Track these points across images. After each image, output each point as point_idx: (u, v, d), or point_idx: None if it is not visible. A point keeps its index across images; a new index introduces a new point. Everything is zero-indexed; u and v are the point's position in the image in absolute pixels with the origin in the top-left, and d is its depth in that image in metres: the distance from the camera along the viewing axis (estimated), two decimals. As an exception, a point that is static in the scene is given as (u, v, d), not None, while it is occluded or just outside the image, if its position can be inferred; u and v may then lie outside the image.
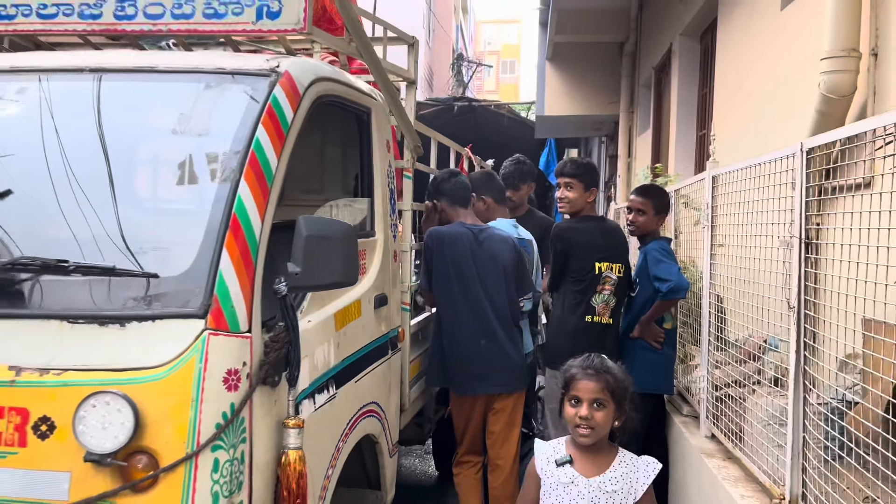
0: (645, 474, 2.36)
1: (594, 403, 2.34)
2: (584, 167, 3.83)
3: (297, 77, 2.30)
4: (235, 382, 1.85)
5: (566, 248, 3.67)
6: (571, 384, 2.40)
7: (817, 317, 2.30)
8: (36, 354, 1.81)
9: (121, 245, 1.95)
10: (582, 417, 2.32)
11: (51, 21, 2.72)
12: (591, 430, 2.32)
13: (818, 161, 2.33)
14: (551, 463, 2.40)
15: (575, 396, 2.36)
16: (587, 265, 3.61)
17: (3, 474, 1.76)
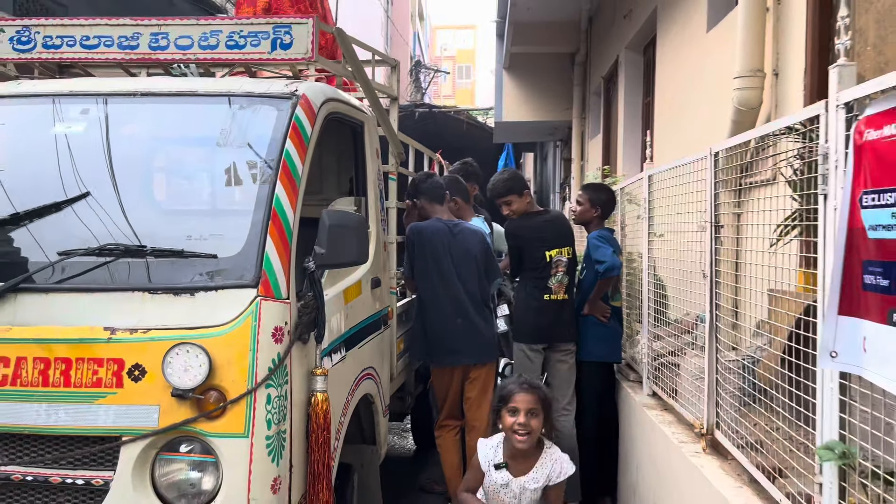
0: (560, 473, 2.93)
1: (529, 413, 2.90)
2: (508, 183, 4.38)
3: (312, 99, 2.86)
4: (280, 337, 2.40)
5: (518, 244, 4.32)
6: (510, 398, 2.94)
7: (728, 284, 2.94)
8: (125, 318, 2.33)
9: (187, 233, 2.49)
10: (520, 424, 2.87)
11: (93, 51, 3.24)
12: (528, 436, 2.87)
13: (723, 161, 2.98)
14: (491, 465, 2.97)
15: (513, 408, 2.90)
16: (539, 255, 4.25)
17: (107, 410, 2.28)
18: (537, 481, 2.86)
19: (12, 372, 2.31)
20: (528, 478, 2.87)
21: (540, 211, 4.54)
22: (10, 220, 2.55)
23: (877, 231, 1.65)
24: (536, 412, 2.86)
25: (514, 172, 4.76)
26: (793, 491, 2.19)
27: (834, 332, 1.79)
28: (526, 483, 2.86)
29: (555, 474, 2.88)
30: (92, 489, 2.30)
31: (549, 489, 2.90)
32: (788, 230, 2.33)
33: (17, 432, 2.33)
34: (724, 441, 2.85)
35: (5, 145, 2.78)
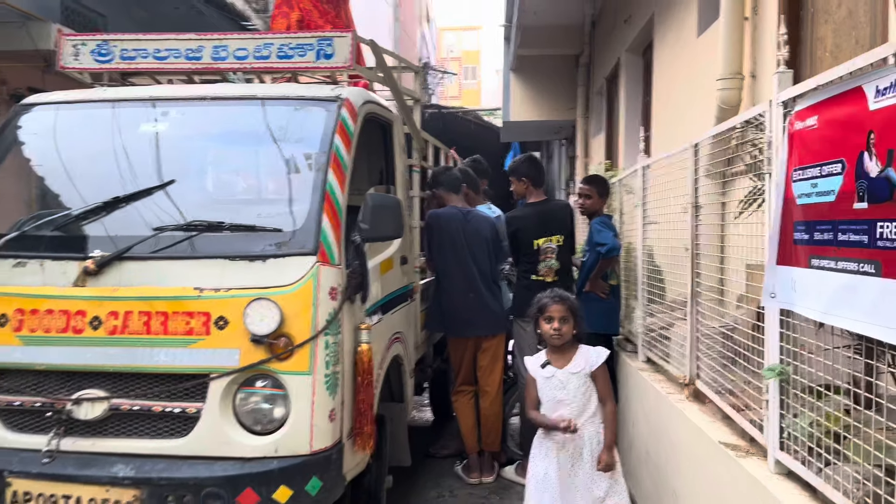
0: (596, 357, 3.49)
1: (561, 319, 3.47)
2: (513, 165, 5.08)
3: (354, 101, 3.41)
4: (335, 295, 2.94)
5: (513, 231, 4.87)
6: (546, 308, 3.52)
7: (711, 260, 3.44)
8: (210, 280, 2.87)
9: (257, 212, 3.05)
10: (555, 329, 3.44)
11: (163, 62, 3.79)
12: (560, 336, 3.45)
13: (704, 152, 3.50)
14: (538, 367, 3.52)
15: (549, 316, 3.48)
16: (527, 243, 4.79)
17: (198, 353, 2.82)
18: (579, 367, 3.40)
19: (121, 323, 2.87)
20: (570, 366, 3.40)
21: (538, 201, 5.01)
22: (113, 202, 3.10)
23: (801, 199, 2.19)
24: (567, 318, 3.42)
25: (525, 158, 5.24)
26: (753, 417, 2.72)
27: (773, 278, 2.33)
28: (569, 369, 3.39)
29: (593, 359, 3.42)
30: (187, 416, 2.85)
31: (595, 374, 3.42)
32: (749, 204, 2.86)
33: (126, 371, 2.88)
34: (703, 388, 3.38)
35: (103, 141, 3.33)
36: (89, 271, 2.91)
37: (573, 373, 3.43)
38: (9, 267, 3.03)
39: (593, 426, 3.43)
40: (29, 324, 2.92)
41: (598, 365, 3.44)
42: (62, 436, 2.88)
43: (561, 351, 3.51)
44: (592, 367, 3.42)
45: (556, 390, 3.38)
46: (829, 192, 2.00)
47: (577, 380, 3.43)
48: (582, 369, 3.44)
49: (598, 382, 3.48)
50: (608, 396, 3.52)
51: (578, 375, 3.43)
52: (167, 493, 2.75)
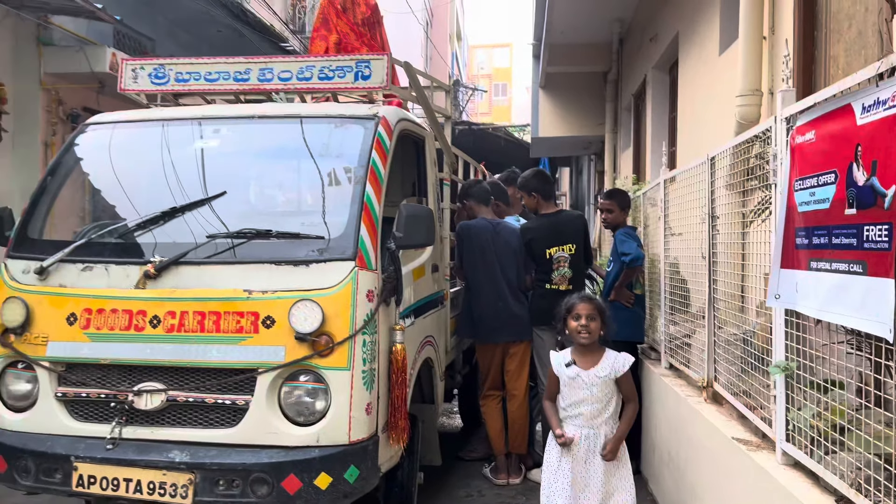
0: (623, 363, 3.64)
1: (589, 317, 3.63)
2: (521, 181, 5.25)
3: (390, 119, 3.67)
4: (372, 297, 3.18)
5: (527, 241, 5.06)
6: (573, 307, 3.69)
7: (728, 267, 3.61)
8: (259, 283, 3.14)
9: (301, 221, 3.32)
10: (582, 326, 3.60)
11: (213, 83, 4.10)
12: (589, 334, 3.61)
13: (718, 164, 3.69)
14: (562, 365, 3.69)
15: (576, 314, 3.64)
16: (540, 252, 4.97)
17: (247, 349, 3.09)
18: (605, 370, 3.51)
19: (178, 322, 3.14)
20: (597, 369, 3.52)
21: (550, 212, 5.17)
22: (170, 212, 3.40)
23: (801, 206, 2.37)
24: (594, 317, 3.56)
25: (534, 173, 5.34)
26: (764, 414, 2.88)
27: (777, 281, 2.51)
28: (596, 372, 3.51)
29: (619, 365, 3.52)
30: (236, 408, 3.11)
31: (619, 380, 3.53)
32: (760, 213, 3.04)
33: (182, 366, 3.15)
34: (720, 389, 3.54)
35: (161, 156, 3.64)
36: (150, 275, 3.20)
37: (599, 376, 3.55)
38: (78, 271, 3.33)
39: (609, 426, 3.56)
40: (96, 322, 3.22)
41: (624, 371, 3.57)
42: (124, 424, 3.16)
43: (588, 351, 3.63)
44: (618, 373, 3.53)
45: (579, 390, 3.53)
46: (825, 199, 2.19)
47: (602, 383, 3.56)
48: (608, 374, 3.56)
49: (624, 386, 3.59)
50: (633, 397, 3.65)
51: (604, 379, 3.56)
52: (218, 477, 3.00)
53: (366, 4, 6.23)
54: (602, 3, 9.34)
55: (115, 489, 3.05)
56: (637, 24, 9.60)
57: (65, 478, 3.13)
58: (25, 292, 3.34)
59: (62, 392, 3.26)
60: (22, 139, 6.30)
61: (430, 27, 26.14)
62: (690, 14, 6.59)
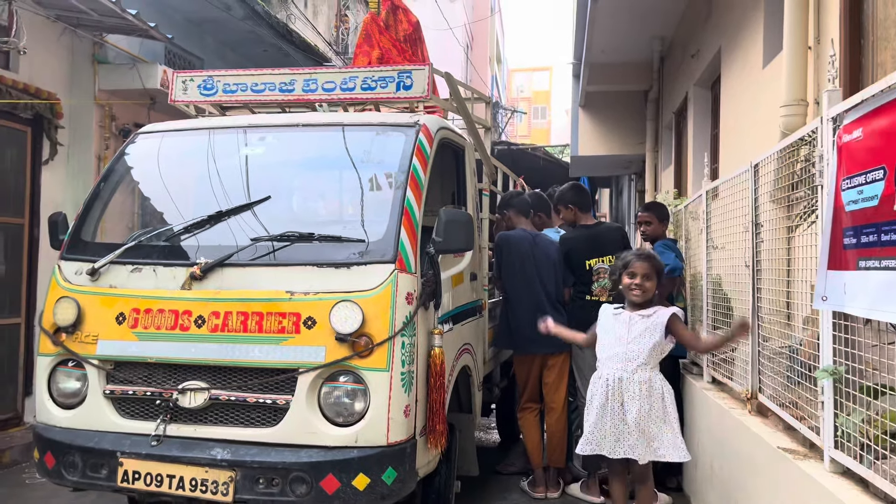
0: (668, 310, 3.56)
1: (644, 276, 3.59)
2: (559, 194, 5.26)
3: (430, 127, 3.72)
4: (411, 300, 3.20)
5: (565, 252, 5.04)
6: (629, 264, 3.64)
7: (773, 279, 3.55)
8: (301, 284, 3.19)
9: (343, 224, 3.37)
10: (636, 284, 3.56)
11: (259, 94, 4.22)
12: (642, 292, 3.57)
13: (762, 172, 3.64)
14: (609, 311, 3.65)
15: (631, 272, 3.60)
16: (580, 263, 4.95)
17: (288, 349, 3.13)
18: (649, 312, 3.47)
19: (222, 322, 3.21)
20: (640, 311, 3.49)
21: (591, 224, 5.18)
22: (216, 216, 3.49)
23: (849, 206, 2.33)
24: (650, 276, 3.52)
25: (570, 187, 5.34)
26: (813, 423, 2.81)
27: (824, 282, 2.46)
28: (639, 314, 3.46)
29: (663, 312, 3.48)
30: (277, 407, 3.15)
31: (672, 327, 3.47)
32: (805, 217, 2.98)
33: (225, 365, 3.21)
34: (764, 400, 3.46)
35: (209, 163, 3.75)
36: (195, 276, 3.28)
37: (643, 315, 3.50)
38: (127, 272, 3.44)
39: (643, 374, 3.49)
40: (143, 321, 3.31)
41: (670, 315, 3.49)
42: (168, 422, 3.22)
43: (639, 307, 3.59)
44: (663, 320, 3.46)
45: (618, 328, 3.49)
46: (873, 197, 2.15)
47: (643, 323, 3.49)
48: (652, 315, 3.48)
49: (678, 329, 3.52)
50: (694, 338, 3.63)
51: (646, 319, 3.49)
52: (258, 475, 3.04)
53: (408, 21, 6.35)
54: (643, 21, 9.34)
55: (158, 485, 3.11)
56: (678, 42, 9.57)
57: (110, 473, 3.20)
58: (77, 292, 3.45)
59: (110, 390, 3.35)
60: (76, 152, 6.53)
61: (471, 49, 26.41)
62: (734, 28, 6.55)
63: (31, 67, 6.02)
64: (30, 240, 6.25)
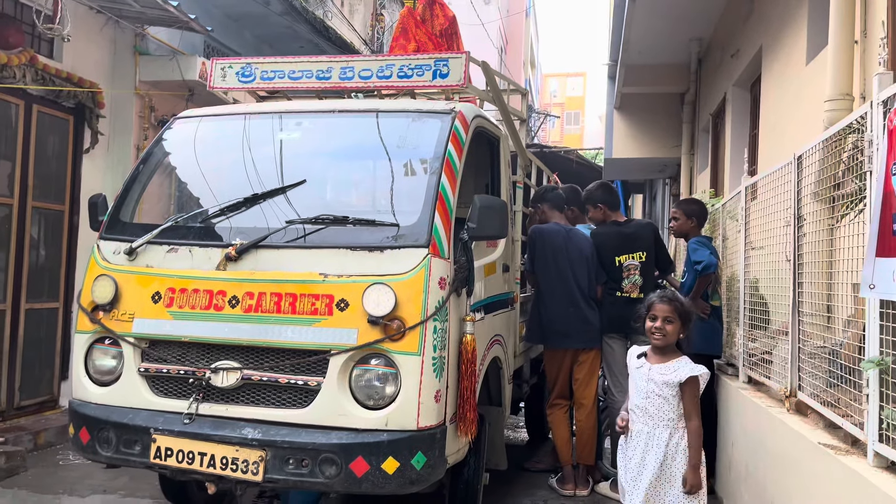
0: (689, 370, 3.49)
1: (665, 319, 3.51)
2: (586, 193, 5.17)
3: (466, 114, 3.70)
4: (444, 285, 3.18)
5: (596, 247, 4.97)
6: (651, 307, 3.57)
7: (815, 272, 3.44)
8: (334, 267, 3.19)
9: (377, 208, 3.37)
10: (657, 328, 3.48)
11: (297, 81, 4.24)
12: (663, 337, 3.48)
13: (805, 164, 3.55)
14: (634, 357, 3.57)
15: (653, 315, 3.53)
16: (610, 260, 4.89)
17: (321, 331, 3.13)
18: (668, 370, 3.36)
19: (255, 302, 3.23)
20: (661, 366, 3.38)
21: (620, 221, 5.11)
22: (252, 198, 3.51)
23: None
24: (672, 320, 3.41)
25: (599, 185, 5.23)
26: (856, 418, 2.72)
27: (872, 270, 2.38)
28: (658, 369, 3.37)
29: (683, 372, 3.35)
30: (308, 389, 3.15)
31: (683, 387, 3.34)
32: (853, 206, 2.90)
33: (258, 345, 3.23)
34: (804, 397, 3.37)
35: (246, 147, 3.78)
36: (230, 257, 3.30)
37: (661, 373, 3.40)
38: (164, 252, 3.47)
39: (666, 432, 3.35)
40: (178, 301, 3.34)
41: (686, 378, 3.37)
42: (200, 401, 3.24)
43: (662, 353, 3.50)
44: (680, 379, 3.35)
45: (639, 380, 3.41)
46: (926, 179, 2.07)
47: (661, 380, 3.37)
48: (670, 374, 3.40)
49: (685, 396, 3.39)
50: (694, 412, 3.40)
51: (664, 377, 3.40)
52: (288, 455, 3.04)
53: (444, 16, 6.34)
54: (681, 22, 9.23)
55: (189, 462, 3.13)
56: (716, 43, 9.43)
57: (143, 450, 3.23)
58: (115, 271, 3.50)
59: (145, 367, 3.38)
60: (116, 142, 6.65)
61: (505, 53, 26.38)
62: (776, 26, 6.43)
63: (73, 57, 6.14)
64: (69, 226, 6.37)
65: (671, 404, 3.38)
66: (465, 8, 17.41)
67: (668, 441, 3.35)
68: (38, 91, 5.80)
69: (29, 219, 5.94)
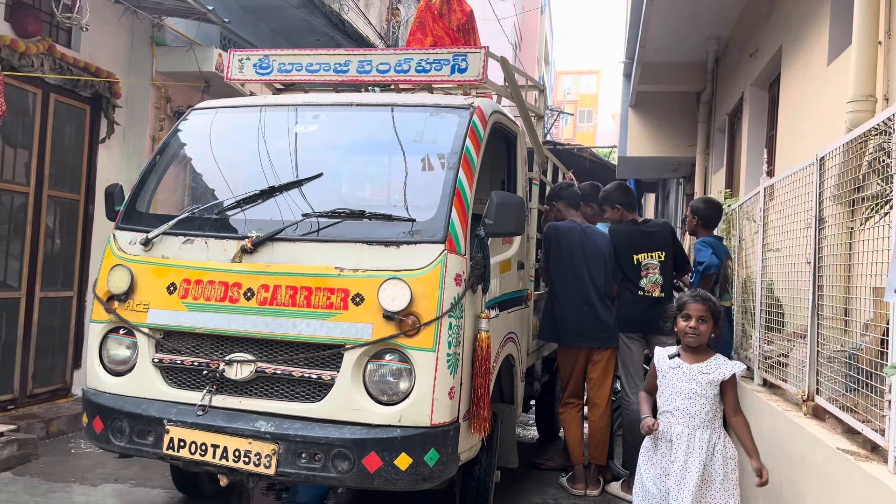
0: (731, 367, 3.42)
1: (699, 319, 3.45)
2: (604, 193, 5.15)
3: (484, 109, 3.68)
4: (459, 281, 3.16)
5: (614, 245, 4.93)
6: (685, 306, 3.50)
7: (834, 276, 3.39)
8: (350, 261, 3.18)
9: (393, 203, 3.35)
10: (691, 327, 3.42)
11: (314, 74, 4.22)
12: (697, 336, 3.42)
13: (827, 166, 3.50)
14: (665, 357, 3.52)
15: (686, 314, 3.46)
16: (628, 258, 4.85)
17: (336, 325, 3.12)
18: (709, 368, 3.29)
19: (270, 295, 3.22)
20: (702, 365, 3.31)
21: (638, 220, 5.07)
22: (268, 191, 3.50)
23: (929, 193, 2.21)
24: (706, 319, 3.34)
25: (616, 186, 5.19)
26: (877, 424, 2.68)
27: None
28: (700, 367, 3.29)
29: (725, 369, 3.29)
30: (322, 383, 3.14)
31: (725, 384, 3.30)
32: (877, 209, 2.85)
33: (272, 338, 3.22)
34: (822, 401, 3.32)
35: (263, 139, 3.77)
36: (246, 249, 3.30)
37: (703, 372, 3.34)
38: (179, 243, 3.47)
39: (707, 433, 3.35)
40: (193, 292, 3.33)
41: (731, 374, 3.33)
42: (214, 393, 3.24)
43: (696, 353, 3.44)
44: (724, 376, 3.30)
45: (678, 381, 3.32)
46: (958, 182, 2.03)
47: (704, 380, 3.33)
48: (713, 372, 3.35)
49: (729, 392, 3.36)
50: (739, 407, 3.41)
51: (707, 376, 3.34)
52: (301, 449, 3.03)
53: (461, 11, 6.31)
54: (699, 20, 9.15)
55: (202, 454, 3.13)
56: (735, 42, 9.34)
57: (156, 440, 3.23)
58: (131, 262, 3.50)
59: (159, 358, 3.38)
60: (132, 132, 6.66)
61: (519, 49, 26.28)
62: (797, 25, 6.35)
63: (91, 47, 6.16)
64: (84, 216, 6.39)
65: (712, 404, 3.33)
66: (481, 3, 17.34)
67: (708, 442, 3.31)
68: (56, 80, 5.81)
69: (45, 208, 5.96)
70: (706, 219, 5.16)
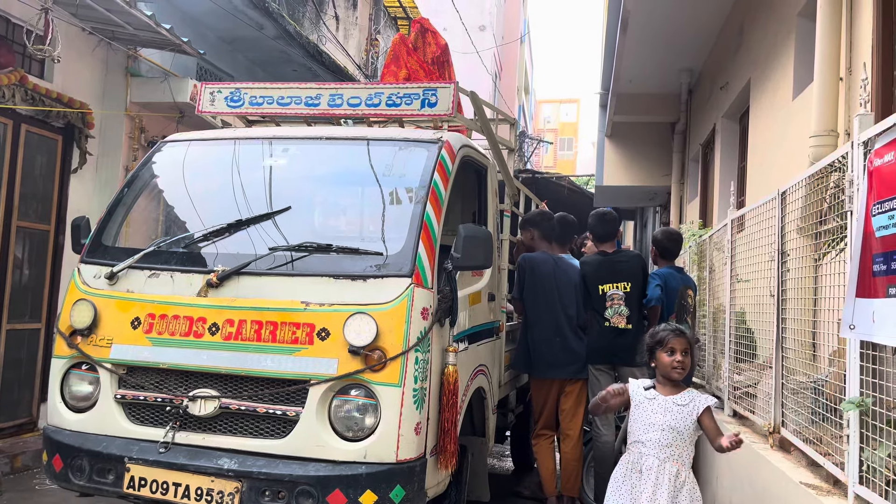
0: (704, 400, 3.42)
1: (684, 352, 3.45)
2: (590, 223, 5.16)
3: (453, 144, 3.71)
4: (426, 315, 3.15)
5: (582, 276, 4.95)
6: (666, 341, 3.48)
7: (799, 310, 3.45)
8: (316, 295, 3.16)
9: (361, 236, 3.35)
10: (678, 361, 3.40)
11: (285, 107, 4.24)
12: (683, 370, 3.42)
13: (789, 200, 3.56)
14: (640, 388, 3.50)
15: (671, 348, 3.44)
16: (594, 289, 4.86)
17: (302, 360, 3.07)
18: (685, 400, 3.26)
19: (235, 330, 3.19)
20: (675, 397, 3.28)
21: (609, 252, 5.05)
22: (235, 224, 3.49)
23: (879, 231, 2.26)
24: (688, 352, 3.34)
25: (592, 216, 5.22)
26: (837, 458, 2.70)
27: (852, 310, 2.38)
28: (676, 399, 3.26)
29: (699, 402, 3.27)
30: (287, 419, 3.10)
31: (702, 416, 3.25)
32: (834, 245, 2.90)
33: (237, 373, 3.18)
34: (787, 434, 3.34)
35: (231, 172, 3.77)
36: (212, 283, 3.27)
37: (679, 404, 3.32)
38: (145, 277, 3.44)
39: (676, 467, 3.33)
40: (158, 327, 3.30)
41: (705, 407, 3.28)
42: (177, 429, 3.19)
43: (674, 385, 3.44)
44: (698, 410, 3.27)
45: (653, 413, 3.31)
46: (905, 221, 2.08)
47: (680, 412, 3.32)
48: (688, 404, 3.32)
49: (707, 421, 3.29)
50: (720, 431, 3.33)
51: (683, 408, 3.32)
52: (265, 487, 2.98)
53: (436, 44, 6.40)
54: (672, 53, 9.34)
55: (164, 493, 3.07)
56: (707, 74, 9.54)
57: (117, 479, 3.17)
58: (95, 296, 3.46)
59: (121, 394, 3.33)
60: (105, 163, 6.63)
61: (499, 79, 26.59)
62: (764, 60, 6.51)
63: (64, 77, 6.14)
64: (54, 247, 6.32)
65: (684, 437, 3.30)
66: (461, 35, 17.57)
67: (677, 477, 3.28)
68: (28, 111, 5.79)
69: (13, 238, 5.89)
70: (664, 250, 5.22)
